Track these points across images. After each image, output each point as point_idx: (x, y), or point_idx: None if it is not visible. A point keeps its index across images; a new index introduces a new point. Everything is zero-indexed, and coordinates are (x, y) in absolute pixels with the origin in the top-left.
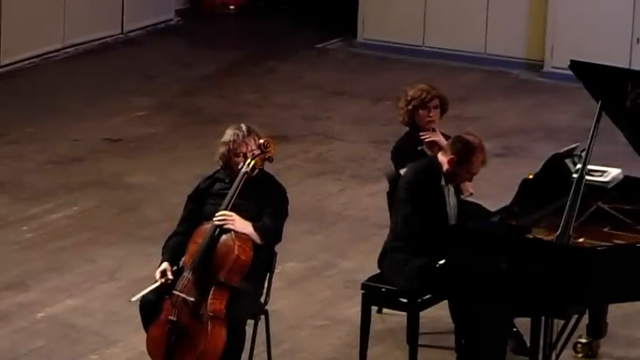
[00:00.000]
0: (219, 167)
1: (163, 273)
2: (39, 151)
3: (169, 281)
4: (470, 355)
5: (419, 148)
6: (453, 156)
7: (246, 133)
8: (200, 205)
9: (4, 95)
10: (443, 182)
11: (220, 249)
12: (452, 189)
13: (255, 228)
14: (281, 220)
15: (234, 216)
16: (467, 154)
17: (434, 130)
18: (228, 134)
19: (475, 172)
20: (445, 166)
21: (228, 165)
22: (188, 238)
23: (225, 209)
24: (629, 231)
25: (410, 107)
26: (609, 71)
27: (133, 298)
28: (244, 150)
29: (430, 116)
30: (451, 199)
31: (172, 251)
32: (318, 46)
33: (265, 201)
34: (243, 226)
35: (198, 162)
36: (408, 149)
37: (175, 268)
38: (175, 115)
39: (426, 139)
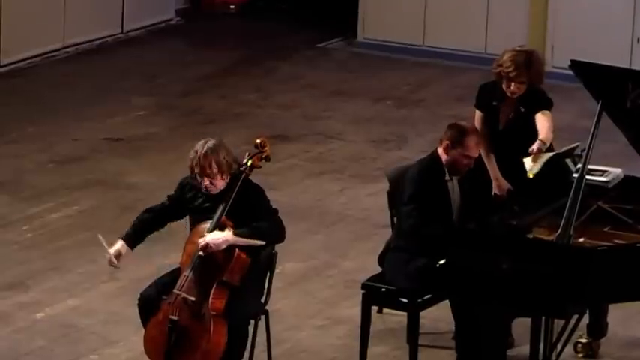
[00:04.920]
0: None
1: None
2: (39, 150)
3: (113, 265)
4: (470, 355)
5: (494, 102)
6: (447, 142)
7: (202, 156)
8: (179, 208)
9: (5, 95)
10: (447, 177)
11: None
12: (456, 183)
13: (238, 234)
14: (271, 212)
15: (207, 239)
16: (459, 137)
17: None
18: (192, 151)
19: (472, 154)
20: (444, 157)
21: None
22: (158, 224)
23: (221, 215)
24: (630, 231)
25: (497, 70)
26: (609, 71)
27: (100, 236)
28: (199, 171)
29: (511, 90)
30: (455, 194)
31: (137, 228)
32: (318, 45)
33: (245, 203)
34: (221, 240)
35: None
36: (488, 96)
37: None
38: (176, 114)
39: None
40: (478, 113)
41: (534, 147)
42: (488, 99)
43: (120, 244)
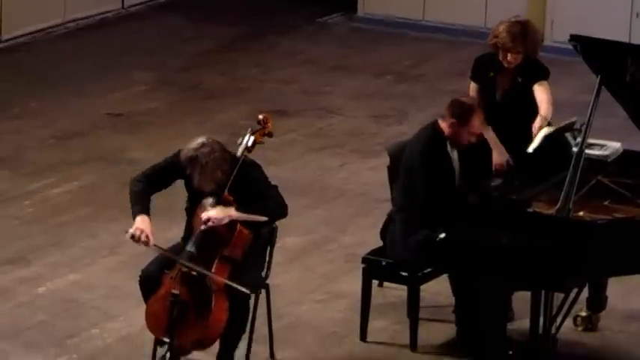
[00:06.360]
0: None
1: (142, 231)
2: (40, 126)
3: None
4: (470, 328)
5: (491, 74)
6: (452, 120)
7: (209, 174)
8: (170, 178)
9: (6, 70)
10: (448, 148)
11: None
12: (456, 154)
13: (241, 210)
14: (270, 186)
15: (209, 213)
16: (466, 115)
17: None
18: (189, 149)
19: (477, 132)
20: (447, 131)
21: None
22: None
23: (223, 192)
24: (629, 204)
25: (493, 42)
26: (609, 45)
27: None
28: (191, 175)
29: (507, 60)
30: (455, 164)
31: (145, 201)
32: (318, 20)
33: (243, 178)
34: (223, 215)
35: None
36: (485, 68)
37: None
38: (176, 90)
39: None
40: (473, 85)
41: (536, 125)
42: (484, 70)
43: (140, 219)
